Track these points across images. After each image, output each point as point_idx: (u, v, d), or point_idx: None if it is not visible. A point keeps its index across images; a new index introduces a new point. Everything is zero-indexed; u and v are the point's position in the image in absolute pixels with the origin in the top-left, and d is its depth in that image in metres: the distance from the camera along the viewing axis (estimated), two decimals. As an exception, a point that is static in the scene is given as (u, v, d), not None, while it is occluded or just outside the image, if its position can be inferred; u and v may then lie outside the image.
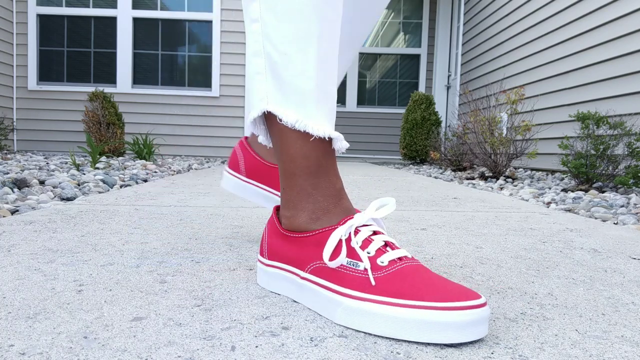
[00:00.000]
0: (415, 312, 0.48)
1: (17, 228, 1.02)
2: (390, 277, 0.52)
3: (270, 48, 0.59)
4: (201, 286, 0.65)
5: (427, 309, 0.47)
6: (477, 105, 3.71)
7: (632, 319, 0.57)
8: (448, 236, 1.07)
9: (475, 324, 0.47)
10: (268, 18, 0.58)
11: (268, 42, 0.59)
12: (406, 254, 0.55)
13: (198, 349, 0.46)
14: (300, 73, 0.58)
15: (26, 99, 5.88)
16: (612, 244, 1.03)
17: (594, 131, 2.43)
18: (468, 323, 0.46)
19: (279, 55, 0.58)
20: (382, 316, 0.49)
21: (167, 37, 5.99)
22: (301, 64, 0.58)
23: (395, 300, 0.49)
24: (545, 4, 3.82)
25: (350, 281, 0.53)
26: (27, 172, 2.43)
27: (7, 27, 5.69)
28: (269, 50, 0.59)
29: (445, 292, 0.49)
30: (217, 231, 1.06)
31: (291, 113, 0.58)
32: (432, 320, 0.47)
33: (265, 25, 0.59)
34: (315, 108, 0.59)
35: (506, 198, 1.95)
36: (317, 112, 0.59)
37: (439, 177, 3.55)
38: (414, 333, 0.47)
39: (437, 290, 0.49)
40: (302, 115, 0.58)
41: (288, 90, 0.59)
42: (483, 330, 0.48)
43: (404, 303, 0.49)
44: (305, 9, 0.56)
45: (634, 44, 2.76)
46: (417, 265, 0.54)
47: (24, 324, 0.50)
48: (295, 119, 0.58)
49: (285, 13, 0.57)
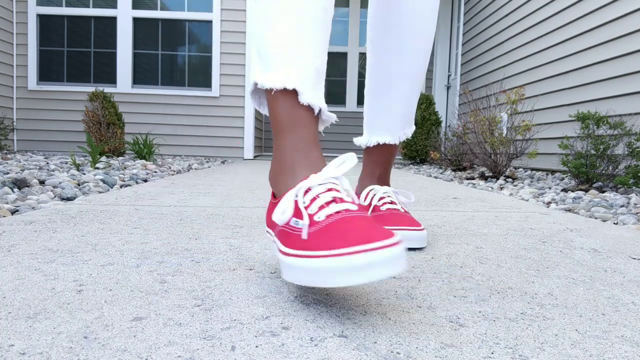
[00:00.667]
0: (323, 261, 0.52)
1: (17, 228, 1.02)
2: (321, 231, 0.56)
3: (253, 28, 0.74)
4: (201, 286, 0.65)
5: (333, 256, 0.51)
6: (477, 105, 3.71)
7: (632, 319, 0.57)
8: (448, 236, 1.07)
9: (374, 265, 0.50)
10: (251, 5, 0.75)
11: (252, 23, 0.75)
12: (349, 206, 0.59)
13: (198, 349, 0.46)
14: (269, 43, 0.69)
15: (26, 99, 5.88)
16: (612, 244, 1.03)
17: (594, 131, 2.43)
18: (367, 265, 0.50)
19: (257, 32, 0.72)
20: (301, 268, 0.55)
21: (167, 37, 5.99)
22: (271, 36, 0.69)
23: (312, 252, 0.54)
24: (545, 4, 3.82)
25: (292, 240, 0.58)
26: (27, 172, 2.43)
27: (7, 27, 5.69)
28: (252, 30, 0.75)
29: (359, 238, 0.52)
30: (217, 231, 1.06)
31: (263, 76, 0.69)
32: (336, 267, 0.51)
33: (251, 11, 0.76)
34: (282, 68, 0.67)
35: (506, 198, 1.95)
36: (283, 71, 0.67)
37: (439, 177, 3.55)
38: (326, 280, 0.52)
39: (352, 238, 0.52)
40: (270, 76, 0.68)
41: (264, 60, 0.70)
42: (389, 270, 0.50)
43: (316, 254, 0.53)
44: None
45: (634, 44, 2.76)
46: (352, 216, 0.57)
47: (24, 324, 0.50)
48: (264, 80, 0.69)
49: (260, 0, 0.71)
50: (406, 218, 0.94)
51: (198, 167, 4.05)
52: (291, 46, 0.68)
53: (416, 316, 0.56)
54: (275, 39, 0.69)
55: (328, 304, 0.60)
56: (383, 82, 1.02)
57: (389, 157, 1.06)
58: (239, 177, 2.81)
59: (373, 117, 1.06)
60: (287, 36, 0.68)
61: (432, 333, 0.51)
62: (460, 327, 0.53)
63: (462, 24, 5.93)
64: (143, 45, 5.97)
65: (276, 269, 0.75)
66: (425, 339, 0.49)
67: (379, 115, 1.04)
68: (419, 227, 0.92)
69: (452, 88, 6.55)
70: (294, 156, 0.67)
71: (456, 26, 6.48)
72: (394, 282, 0.70)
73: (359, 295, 0.64)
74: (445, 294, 0.65)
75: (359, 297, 0.63)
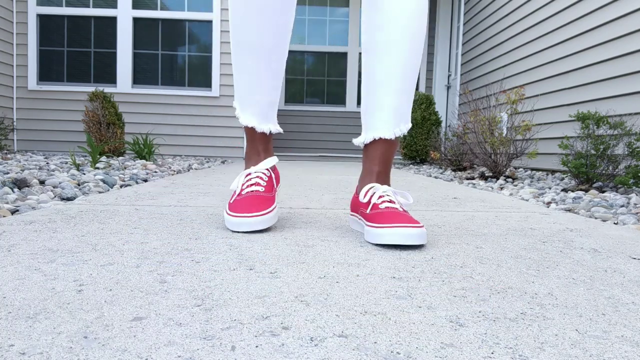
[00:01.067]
0: (229, 217, 1.05)
1: (17, 228, 1.02)
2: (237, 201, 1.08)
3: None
4: (201, 286, 0.65)
5: (233, 216, 1.04)
6: (477, 105, 3.71)
7: (632, 319, 0.57)
8: (448, 236, 1.07)
9: (243, 224, 1.03)
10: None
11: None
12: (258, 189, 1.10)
13: (198, 349, 0.46)
14: (237, 88, 1.17)
15: (26, 99, 5.87)
16: (612, 243, 1.03)
17: (594, 131, 2.43)
18: (240, 223, 1.03)
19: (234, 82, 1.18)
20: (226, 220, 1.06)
21: (167, 37, 5.99)
22: (237, 84, 1.17)
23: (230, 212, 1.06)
24: (545, 4, 3.82)
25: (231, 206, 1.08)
26: (27, 172, 2.43)
27: (7, 27, 5.69)
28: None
29: (250, 207, 1.05)
30: (217, 231, 1.06)
31: (238, 115, 1.20)
32: (230, 221, 1.05)
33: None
34: (243, 109, 1.18)
35: (506, 198, 1.95)
36: (245, 111, 1.18)
37: (439, 177, 3.55)
38: (231, 226, 1.05)
39: (243, 206, 1.05)
40: (240, 116, 1.19)
41: (237, 98, 1.19)
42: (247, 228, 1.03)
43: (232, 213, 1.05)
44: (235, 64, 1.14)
45: (634, 44, 2.76)
46: (255, 195, 1.08)
47: (24, 324, 0.50)
48: (239, 117, 1.19)
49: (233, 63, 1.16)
50: (404, 216, 0.96)
51: (198, 167, 4.05)
52: (248, 93, 1.15)
53: (416, 316, 0.56)
54: (238, 91, 1.17)
55: (328, 304, 0.60)
56: (375, 80, 1.08)
57: (386, 153, 1.10)
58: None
59: (368, 115, 1.11)
60: (245, 85, 1.15)
61: (432, 333, 0.51)
62: (460, 327, 0.53)
63: (462, 24, 5.93)
64: (143, 45, 5.96)
65: (276, 269, 0.75)
66: (425, 339, 0.49)
67: (374, 112, 1.09)
68: (418, 225, 0.93)
69: (452, 88, 6.55)
70: (250, 156, 1.20)
71: (456, 26, 6.48)
72: (394, 282, 0.70)
73: (359, 295, 0.64)
74: (445, 294, 0.65)
75: (359, 297, 0.63)
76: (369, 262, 0.82)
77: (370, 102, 1.10)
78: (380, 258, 0.85)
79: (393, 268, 0.78)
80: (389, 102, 1.07)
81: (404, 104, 1.08)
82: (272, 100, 1.16)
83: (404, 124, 1.10)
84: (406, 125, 1.10)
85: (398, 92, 1.06)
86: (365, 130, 1.12)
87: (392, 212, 0.98)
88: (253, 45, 1.09)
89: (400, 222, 0.93)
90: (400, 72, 1.05)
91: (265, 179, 1.13)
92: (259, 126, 1.16)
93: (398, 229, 0.91)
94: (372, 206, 1.02)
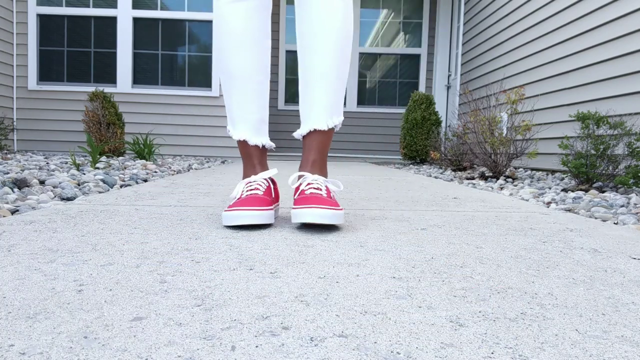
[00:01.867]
0: (226, 212, 1.09)
1: (17, 228, 1.02)
2: (235, 202, 1.11)
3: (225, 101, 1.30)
4: (201, 286, 0.65)
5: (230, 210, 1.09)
6: (477, 105, 3.71)
7: (632, 319, 0.57)
8: (448, 236, 1.07)
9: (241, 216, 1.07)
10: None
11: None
12: (257, 192, 1.16)
13: (198, 349, 0.46)
14: (229, 110, 1.27)
15: (26, 99, 5.87)
16: (612, 244, 1.03)
17: (594, 131, 2.43)
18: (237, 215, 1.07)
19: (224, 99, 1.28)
20: (223, 217, 1.10)
21: (167, 37, 5.99)
22: (228, 106, 1.27)
23: (227, 209, 1.10)
24: (545, 4, 3.81)
25: (229, 206, 1.12)
26: (27, 172, 2.43)
27: (7, 27, 5.69)
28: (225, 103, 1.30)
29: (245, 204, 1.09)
30: (217, 231, 1.06)
31: (230, 130, 1.28)
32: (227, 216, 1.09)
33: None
34: (235, 126, 1.27)
35: (506, 198, 1.95)
36: (237, 127, 1.26)
37: (439, 177, 3.55)
38: (228, 221, 1.08)
39: (241, 202, 1.09)
40: (232, 130, 1.28)
41: (230, 119, 1.28)
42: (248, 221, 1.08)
43: (229, 209, 1.09)
44: (223, 87, 1.27)
45: (634, 44, 2.76)
46: (254, 195, 1.14)
47: (24, 324, 0.50)
48: (231, 133, 1.28)
49: (222, 87, 1.27)
50: (324, 200, 1.07)
51: (198, 167, 4.05)
52: (238, 112, 1.25)
53: (416, 316, 0.56)
54: (230, 107, 1.26)
55: (328, 304, 0.60)
56: (306, 79, 1.23)
57: (321, 142, 1.23)
58: (239, 177, 2.81)
59: (304, 109, 1.24)
60: (235, 106, 1.25)
61: (432, 333, 0.51)
62: (460, 327, 0.53)
63: (462, 24, 5.93)
64: (143, 45, 5.96)
65: (276, 269, 0.75)
66: (425, 339, 0.49)
67: (309, 107, 1.23)
68: (336, 207, 1.05)
69: (452, 88, 6.55)
70: (247, 169, 1.27)
71: (456, 26, 6.48)
72: (394, 282, 0.70)
73: (359, 295, 0.64)
74: (445, 294, 0.65)
75: (359, 297, 0.63)
76: (369, 262, 0.82)
77: (305, 98, 1.24)
78: (380, 258, 0.85)
79: (393, 268, 0.78)
80: (322, 100, 1.20)
81: (335, 100, 1.22)
82: (261, 117, 1.26)
83: (337, 117, 1.23)
84: (339, 118, 1.23)
85: (327, 91, 1.20)
86: (303, 122, 1.25)
87: (315, 196, 1.08)
88: (235, 73, 1.23)
89: (318, 204, 1.04)
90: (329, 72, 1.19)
91: (264, 187, 1.19)
92: (252, 139, 1.24)
93: (314, 210, 1.02)
94: (299, 192, 1.15)
